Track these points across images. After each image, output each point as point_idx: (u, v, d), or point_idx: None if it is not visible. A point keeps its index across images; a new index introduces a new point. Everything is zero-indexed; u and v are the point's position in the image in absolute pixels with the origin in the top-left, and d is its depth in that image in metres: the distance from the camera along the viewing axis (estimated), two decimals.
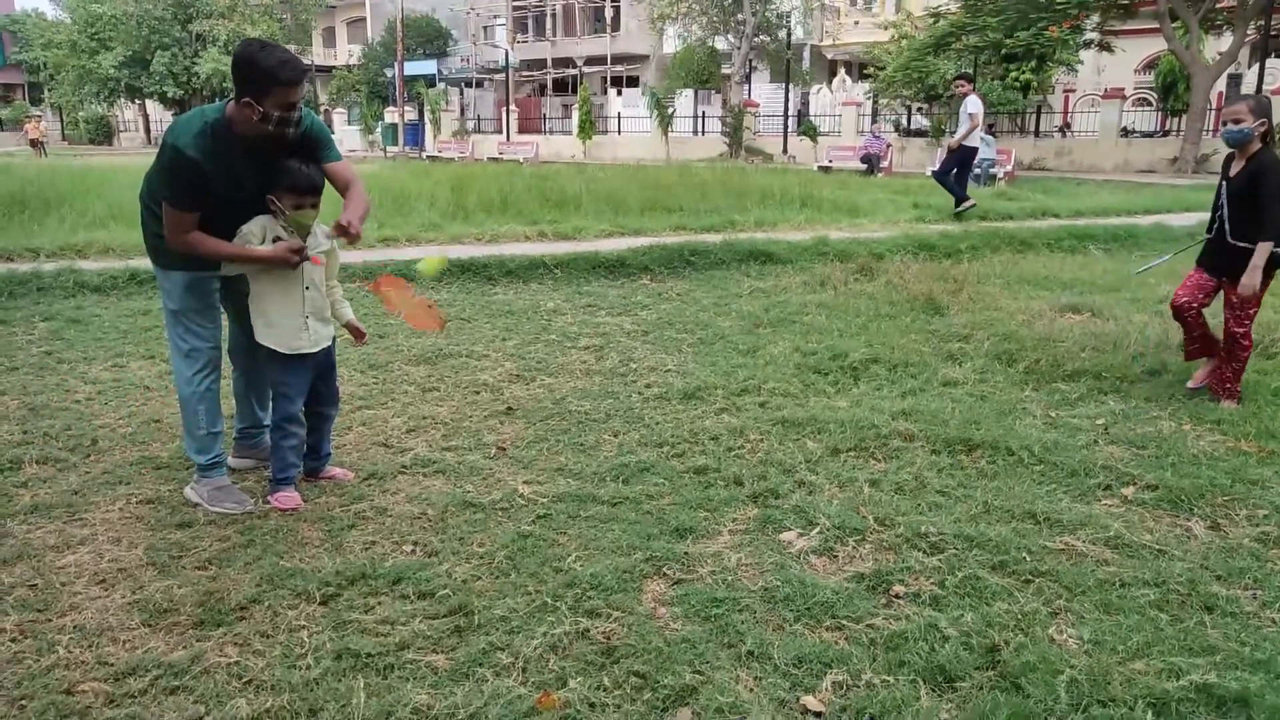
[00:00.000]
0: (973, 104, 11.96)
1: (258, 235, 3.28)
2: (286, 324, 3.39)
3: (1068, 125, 27.27)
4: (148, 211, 3.34)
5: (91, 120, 48.46)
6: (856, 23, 37.06)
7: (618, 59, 41.82)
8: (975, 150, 12.38)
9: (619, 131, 35.61)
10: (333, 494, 3.54)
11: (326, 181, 3.34)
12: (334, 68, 48.37)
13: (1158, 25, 21.82)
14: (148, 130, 46.69)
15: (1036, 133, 26.25)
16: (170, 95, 41.72)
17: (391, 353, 5.59)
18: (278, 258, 3.23)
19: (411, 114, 39.47)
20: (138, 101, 46.13)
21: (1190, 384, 4.82)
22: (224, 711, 2.24)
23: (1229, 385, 4.62)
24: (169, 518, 3.32)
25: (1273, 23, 20.88)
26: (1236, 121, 4.48)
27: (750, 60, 33.21)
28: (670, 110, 32.25)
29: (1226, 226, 4.58)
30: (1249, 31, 21.36)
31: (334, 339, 3.57)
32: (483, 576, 2.91)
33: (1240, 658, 2.44)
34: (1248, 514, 3.35)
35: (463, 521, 3.30)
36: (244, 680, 2.38)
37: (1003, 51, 22.96)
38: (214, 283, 3.40)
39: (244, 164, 3.18)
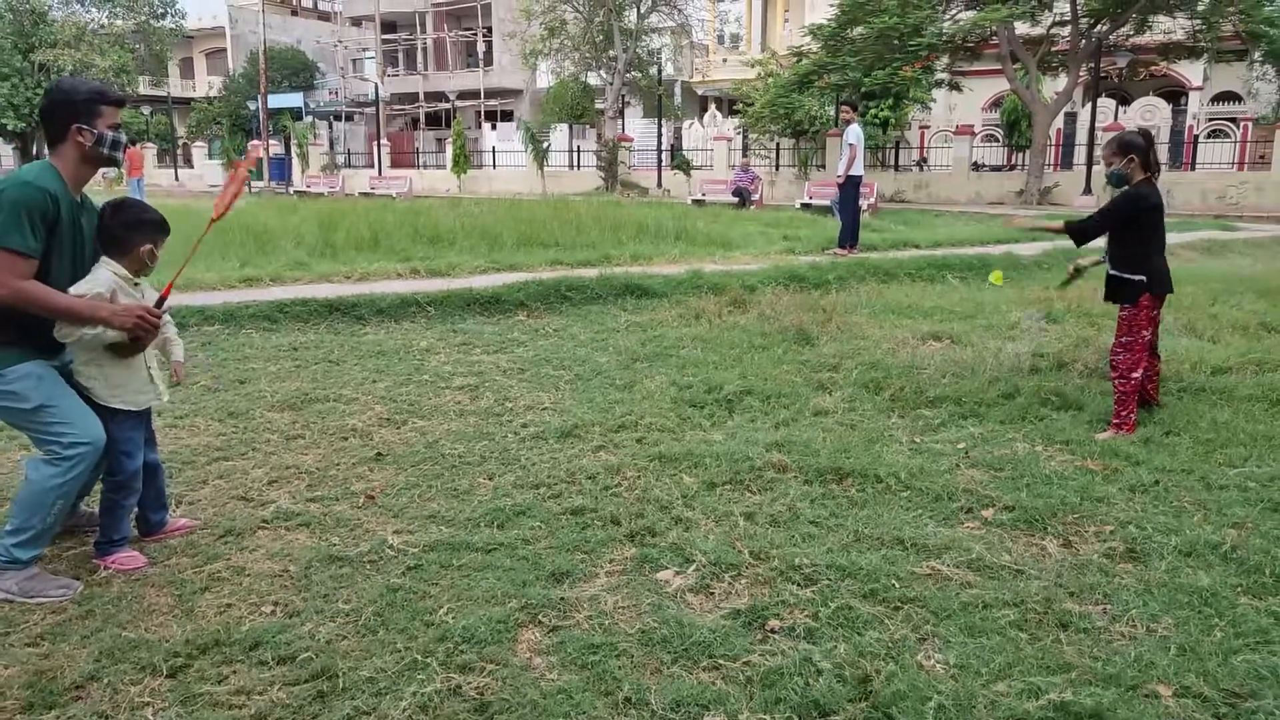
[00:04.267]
0: (852, 134, 12.24)
1: (107, 288, 3.06)
2: (132, 380, 3.19)
3: (924, 160, 28.78)
4: None
5: None
6: (725, 60, 38.24)
7: (491, 93, 41.77)
8: (860, 178, 12.56)
9: (494, 165, 35.47)
10: (184, 554, 3.32)
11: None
12: (192, 100, 46.52)
13: (1000, 67, 23.34)
14: None
15: (896, 166, 27.56)
16: (11, 128, 39.04)
17: (253, 400, 5.33)
18: (133, 319, 3.02)
19: (278, 148, 38.28)
20: None
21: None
22: None
23: (1116, 416, 4.63)
24: None
25: (1101, 65, 22.64)
26: (1108, 163, 4.68)
27: (623, 96, 33.72)
28: (545, 145, 32.36)
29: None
30: (1081, 73, 23.05)
31: None
32: (348, 636, 2.77)
33: (1094, 673, 2.55)
34: (1096, 530, 3.53)
35: (328, 577, 3.15)
36: None
37: (862, 89, 24.06)
38: (56, 361, 3.14)
39: (77, 221, 3.11)
